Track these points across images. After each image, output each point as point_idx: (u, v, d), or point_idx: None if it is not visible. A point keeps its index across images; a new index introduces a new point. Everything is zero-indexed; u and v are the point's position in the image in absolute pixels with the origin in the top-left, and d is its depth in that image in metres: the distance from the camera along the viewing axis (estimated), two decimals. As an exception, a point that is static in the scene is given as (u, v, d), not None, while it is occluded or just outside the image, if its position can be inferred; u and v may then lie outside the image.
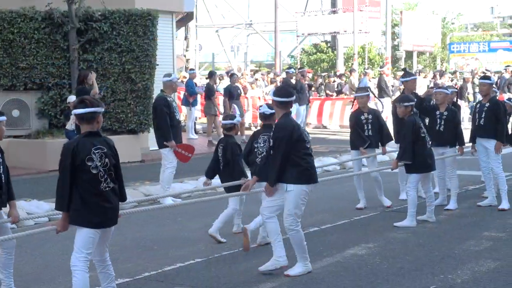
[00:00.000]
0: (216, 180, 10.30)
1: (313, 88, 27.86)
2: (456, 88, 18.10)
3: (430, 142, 10.60)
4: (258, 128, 10.93)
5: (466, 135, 12.00)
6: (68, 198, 6.26)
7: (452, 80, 32.24)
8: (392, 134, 12.20)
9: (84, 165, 6.22)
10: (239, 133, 21.06)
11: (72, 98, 15.11)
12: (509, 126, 12.73)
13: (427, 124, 11.52)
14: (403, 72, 13.28)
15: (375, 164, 12.02)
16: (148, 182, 13.72)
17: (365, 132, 11.55)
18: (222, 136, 10.15)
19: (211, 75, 22.26)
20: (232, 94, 21.10)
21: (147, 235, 10.16)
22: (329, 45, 47.02)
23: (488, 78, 12.25)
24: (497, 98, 12.06)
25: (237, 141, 9.97)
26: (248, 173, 9.47)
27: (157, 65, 17.40)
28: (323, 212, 11.07)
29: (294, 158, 7.71)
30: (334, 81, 29.33)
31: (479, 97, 16.66)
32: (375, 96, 18.41)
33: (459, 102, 24.36)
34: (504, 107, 12.02)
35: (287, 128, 7.74)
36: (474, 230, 10.11)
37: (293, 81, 21.57)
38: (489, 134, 11.54)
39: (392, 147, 13.19)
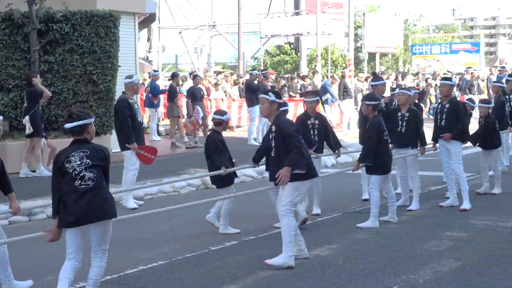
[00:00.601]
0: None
1: (276, 90, 27.84)
2: (418, 90, 18.23)
3: (390, 144, 10.69)
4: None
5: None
6: (55, 204, 6.67)
7: (414, 81, 32.48)
8: (358, 134, 12.24)
9: (63, 167, 6.60)
10: (202, 134, 21.06)
11: None
12: (470, 126, 12.88)
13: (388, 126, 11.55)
14: (373, 76, 13.38)
15: (319, 169, 11.95)
16: (110, 184, 13.58)
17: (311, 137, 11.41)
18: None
19: (174, 76, 22.16)
20: (195, 96, 21.01)
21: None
22: (292, 46, 47.14)
23: (449, 79, 12.37)
24: (458, 98, 12.18)
25: (222, 137, 10.18)
26: None
27: (119, 66, 17.26)
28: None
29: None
30: (297, 83, 29.39)
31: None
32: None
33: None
34: (464, 107, 12.16)
35: (291, 121, 8.67)
36: (436, 230, 10.17)
37: (255, 82, 21.53)
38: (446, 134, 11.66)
39: (357, 148, 13.24)
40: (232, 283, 7.69)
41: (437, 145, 12.01)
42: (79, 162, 6.60)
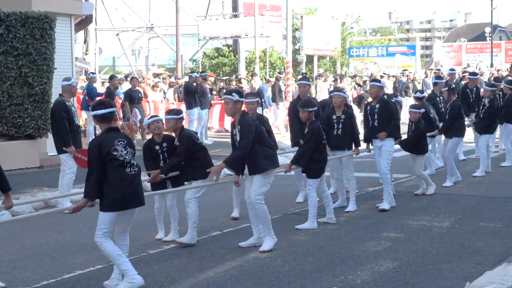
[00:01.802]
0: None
1: (214, 92, 27.87)
2: (357, 95, 18.46)
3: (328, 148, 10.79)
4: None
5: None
6: (95, 186, 7.17)
7: (351, 83, 32.75)
8: (290, 138, 12.29)
9: (110, 155, 7.16)
10: (140, 137, 20.93)
11: None
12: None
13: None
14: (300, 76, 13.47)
15: None
16: (46, 188, 13.42)
17: None
18: None
19: (111, 79, 21.97)
20: (133, 98, 20.88)
21: (46, 242, 9.94)
22: (230, 49, 47.19)
23: (378, 81, 12.51)
24: (385, 97, 12.30)
25: (150, 143, 9.94)
26: None
27: (55, 68, 17.03)
28: (225, 216, 11.07)
29: (260, 147, 9.06)
30: (235, 85, 29.42)
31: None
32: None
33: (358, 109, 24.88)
34: (394, 104, 12.32)
35: (253, 121, 9.15)
36: (373, 231, 10.28)
37: (195, 84, 21.48)
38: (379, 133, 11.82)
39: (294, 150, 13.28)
40: (171, 286, 7.66)
41: (371, 146, 12.15)
42: (125, 150, 7.27)
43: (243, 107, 9.40)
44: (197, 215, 9.51)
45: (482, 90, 17.32)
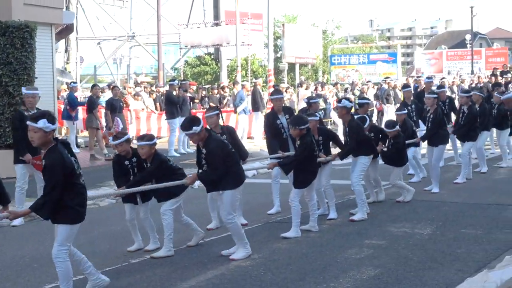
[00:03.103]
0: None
1: (196, 100, 27.81)
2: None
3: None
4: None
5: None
6: (53, 208, 7.02)
7: (332, 91, 32.81)
8: (267, 145, 12.30)
9: (74, 171, 7.11)
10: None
11: None
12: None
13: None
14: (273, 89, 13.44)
15: None
16: (26, 198, 13.33)
17: None
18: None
19: (93, 87, 21.91)
20: (114, 107, 20.81)
21: (27, 252, 9.88)
22: (212, 57, 47.18)
23: (339, 101, 12.23)
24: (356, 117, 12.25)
25: (119, 159, 9.82)
26: None
27: (36, 78, 16.96)
28: (207, 225, 11.05)
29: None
30: (217, 93, 29.41)
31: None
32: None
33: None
34: (357, 125, 12.02)
35: (218, 147, 8.97)
36: (355, 238, 10.30)
37: (175, 93, 21.47)
38: (356, 153, 11.92)
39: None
40: (153, 296, 7.65)
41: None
42: (76, 161, 7.25)
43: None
44: (172, 227, 9.44)
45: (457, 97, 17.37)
